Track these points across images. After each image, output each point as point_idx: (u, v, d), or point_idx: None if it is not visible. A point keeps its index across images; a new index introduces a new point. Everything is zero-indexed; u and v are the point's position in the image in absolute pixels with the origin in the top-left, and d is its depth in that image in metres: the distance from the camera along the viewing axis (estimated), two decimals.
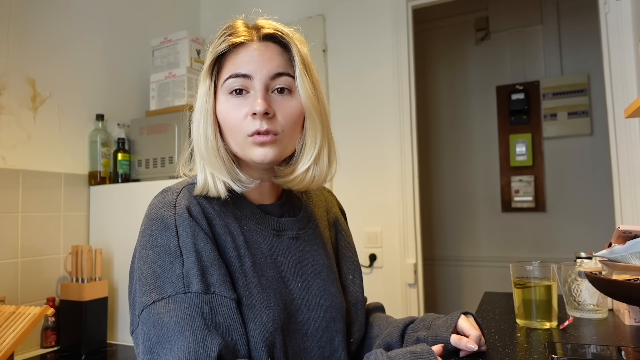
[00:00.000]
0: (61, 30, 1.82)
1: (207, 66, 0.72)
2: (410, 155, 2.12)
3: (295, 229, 0.78)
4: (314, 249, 0.80)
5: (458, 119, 3.25)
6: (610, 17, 1.84)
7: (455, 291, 3.16)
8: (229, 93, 0.70)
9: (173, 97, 1.91)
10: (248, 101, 0.69)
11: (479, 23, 3.20)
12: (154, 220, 0.67)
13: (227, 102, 0.70)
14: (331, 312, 0.78)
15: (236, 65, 0.70)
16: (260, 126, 0.68)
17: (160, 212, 0.68)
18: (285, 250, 0.75)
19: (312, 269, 0.78)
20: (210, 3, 2.63)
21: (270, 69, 0.70)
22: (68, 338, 1.64)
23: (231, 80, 0.69)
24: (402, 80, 2.14)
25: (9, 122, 1.62)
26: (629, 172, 1.79)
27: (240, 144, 0.70)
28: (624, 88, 1.80)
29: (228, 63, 0.71)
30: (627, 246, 0.87)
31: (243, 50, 0.71)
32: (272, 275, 0.72)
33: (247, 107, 0.69)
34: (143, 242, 0.67)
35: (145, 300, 0.62)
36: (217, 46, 0.71)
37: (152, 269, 0.63)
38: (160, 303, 0.61)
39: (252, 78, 0.69)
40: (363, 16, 2.24)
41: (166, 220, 0.66)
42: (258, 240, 0.73)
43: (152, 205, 0.70)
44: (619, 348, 0.83)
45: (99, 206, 1.86)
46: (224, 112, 0.70)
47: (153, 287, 0.62)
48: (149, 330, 0.60)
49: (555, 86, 2.98)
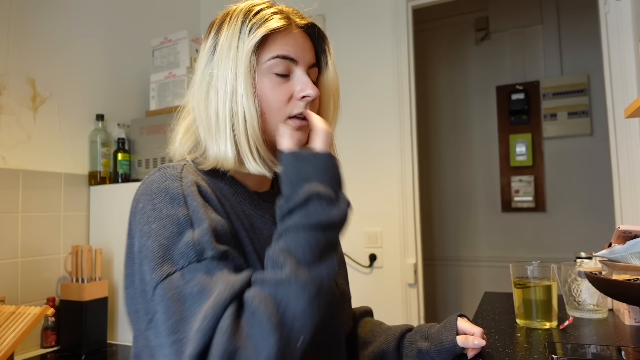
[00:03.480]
0: (61, 30, 1.82)
1: (255, 41, 0.66)
2: (410, 155, 2.12)
3: None
4: None
5: (458, 119, 3.25)
6: (610, 17, 1.84)
7: (455, 291, 3.16)
8: (272, 73, 0.68)
9: (173, 97, 1.91)
10: (291, 83, 0.69)
11: (479, 23, 3.20)
12: (156, 193, 0.61)
13: (271, 82, 0.68)
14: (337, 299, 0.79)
15: (282, 47, 0.68)
16: (304, 109, 0.68)
17: (163, 185, 0.61)
18: None
19: None
20: (210, 3, 2.63)
21: (310, 58, 0.71)
22: (68, 338, 1.64)
23: (277, 60, 0.68)
24: (402, 80, 2.14)
25: (9, 122, 1.62)
26: (629, 172, 1.79)
27: (275, 124, 0.68)
28: (624, 88, 1.80)
29: (272, 43, 0.68)
30: (627, 246, 0.87)
31: (289, 34, 0.69)
32: None
33: (289, 88, 0.68)
34: (144, 219, 0.59)
35: (157, 276, 0.54)
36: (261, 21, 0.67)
37: (159, 241, 0.56)
38: (175, 276, 0.54)
39: (296, 62, 0.69)
40: (363, 16, 2.24)
41: (172, 191, 0.60)
42: (259, 226, 0.71)
43: (151, 181, 0.63)
44: (619, 348, 0.83)
45: (99, 206, 1.86)
46: (263, 90, 0.68)
47: (163, 261, 0.55)
48: (169, 306, 0.52)
49: (555, 86, 2.98)
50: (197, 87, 0.70)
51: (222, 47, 0.68)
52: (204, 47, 0.71)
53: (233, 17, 0.69)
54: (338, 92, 0.77)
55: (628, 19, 1.80)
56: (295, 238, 0.57)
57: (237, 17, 0.68)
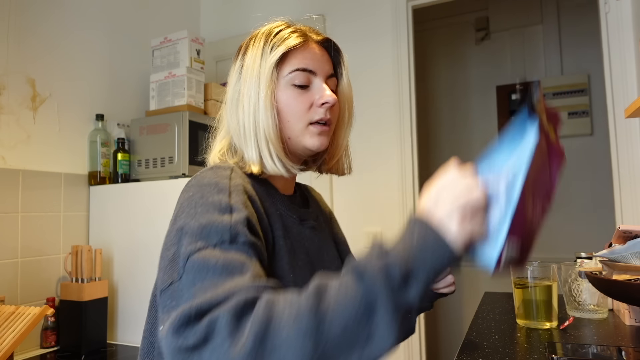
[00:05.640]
0: (61, 30, 1.82)
1: (276, 59, 0.76)
2: (411, 155, 2.12)
3: (312, 219, 0.84)
4: (327, 240, 0.88)
5: (458, 118, 3.25)
6: (611, 17, 1.84)
7: (456, 291, 3.15)
8: (292, 85, 0.76)
9: (173, 97, 1.91)
10: (311, 93, 0.77)
11: (479, 23, 3.20)
12: (206, 185, 0.66)
13: (293, 92, 0.76)
14: None
15: (301, 61, 0.77)
16: (325, 115, 0.76)
17: (214, 180, 0.67)
18: (309, 237, 0.81)
19: (328, 257, 0.84)
20: (210, 3, 2.63)
21: (328, 69, 0.80)
22: (68, 338, 1.64)
23: (297, 73, 0.76)
24: (402, 80, 2.14)
25: (9, 122, 1.62)
26: (629, 172, 1.79)
27: (299, 131, 0.76)
28: (624, 88, 1.80)
29: (291, 58, 0.77)
30: (627, 246, 0.87)
31: (306, 49, 0.78)
32: (304, 259, 0.77)
33: (310, 98, 0.77)
34: (191, 204, 0.63)
35: (191, 248, 0.57)
36: (282, 40, 0.76)
37: (199, 222, 0.60)
38: (207, 250, 0.56)
39: (316, 74, 0.77)
40: (363, 16, 2.24)
41: (220, 184, 0.66)
42: (290, 225, 0.78)
43: (204, 176, 0.69)
44: (619, 348, 0.83)
45: (98, 206, 1.86)
46: (286, 101, 0.76)
47: (199, 237, 0.58)
48: (195, 275, 0.55)
49: (555, 86, 2.98)
50: (228, 102, 0.80)
51: (248, 66, 0.77)
52: (234, 68, 0.81)
53: (257, 39, 0.78)
54: (352, 100, 0.86)
55: (628, 19, 1.79)
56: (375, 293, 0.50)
57: (260, 39, 0.78)
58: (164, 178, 1.82)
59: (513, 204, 0.52)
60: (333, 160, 0.86)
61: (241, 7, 2.55)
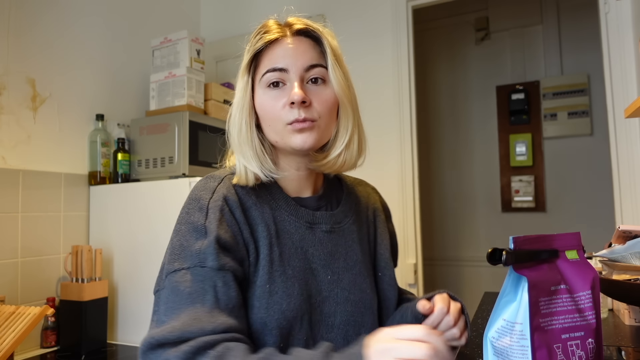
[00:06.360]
0: (61, 30, 1.82)
1: (245, 64, 0.76)
2: (410, 155, 2.12)
3: (330, 223, 0.81)
4: (348, 243, 0.82)
5: (458, 119, 3.25)
6: (611, 17, 1.84)
7: (456, 291, 3.12)
8: (267, 86, 0.74)
9: (173, 97, 1.91)
10: (285, 92, 0.73)
11: (479, 23, 3.20)
12: (193, 200, 0.73)
13: (266, 95, 0.75)
14: (360, 306, 0.79)
15: (272, 60, 0.74)
16: (298, 115, 0.72)
17: (200, 194, 0.73)
18: (317, 242, 0.78)
19: (344, 263, 0.80)
20: (210, 3, 2.63)
21: (304, 61, 0.74)
22: (68, 338, 1.64)
23: (269, 74, 0.74)
24: (402, 81, 2.14)
25: (9, 122, 1.62)
26: (629, 172, 1.79)
27: (279, 132, 0.74)
28: (624, 88, 1.80)
29: (264, 59, 0.75)
30: (627, 246, 0.87)
31: (278, 46, 0.75)
32: (300, 266, 0.75)
33: (284, 97, 0.73)
34: (180, 218, 0.73)
35: (170, 267, 0.68)
36: (253, 44, 0.75)
37: (180, 241, 0.70)
38: (181, 272, 0.67)
39: (288, 71, 0.73)
40: (363, 16, 2.24)
41: (202, 201, 0.72)
42: (290, 230, 0.76)
43: (195, 187, 0.76)
44: (619, 348, 0.83)
45: (99, 206, 1.86)
46: (263, 104, 0.75)
47: (177, 257, 0.68)
48: (169, 294, 0.66)
49: (555, 86, 2.98)
50: None
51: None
52: None
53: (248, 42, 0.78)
54: (348, 87, 0.78)
55: (628, 19, 1.79)
56: None
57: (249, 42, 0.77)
58: (164, 178, 1.82)
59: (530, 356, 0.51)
60: (330, 157, 0.77)
61: (241, 7, 2.56)
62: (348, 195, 0.88)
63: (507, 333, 0.53)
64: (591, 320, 0.54)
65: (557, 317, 0.53)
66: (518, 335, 0.52)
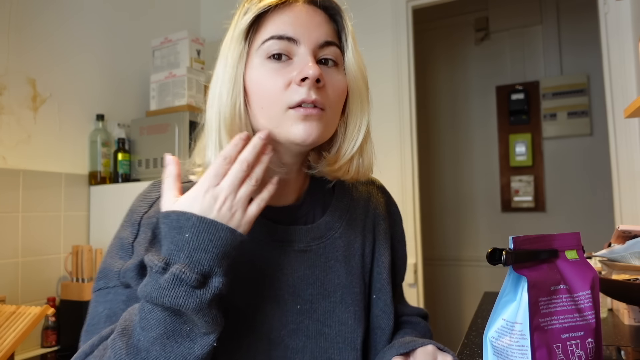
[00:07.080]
0: (61, 30, 1.82)
1: (243, 27, 0.58)
2: (410, 155, 2.12)
3: (306, 240, 0.65)
4: (330, 264, 0.67)
5: (458, 119, 3.25)
6: (610, 17, 1.84)
7: (455, 291, 3.16)
8: (266, 57, 0.58)
9: (173, 97, 1.91)
10: (290, 68, 0.57)
11: (478, 23, 3.20)
12: (130, 211, 0.64)
13: (263, 67, 0.58)
14: (337, 342, 0.65)
15: (279, 26, 0.58)
16: (307, 95, 0.55)
17: (137, 205, 0.64)
18: (286, 265, 0.64)
19: (320, 289, 0.65)
20: (210, 3, 2.63)
21: (319, 35, 0.59)
22: (68, 338, 1.64)
23: (272, 42, 0.57)
24: (402, 81, 2.15)
25: (9, 122, 1.62)
26: (629, 172, 1.79)
27: (275, 118, 0.57)
28: (623, 88, 1.80)
29: (268, 23, 0.58)
30: (627, 246, 0.87)
31: (288, 10, 0.59)
32: (259, 294, 0.62)
33: (289, 74, 0.57)
34: (118, 229, 0.65)
35: (95, 285, 0.62)
36: (256, 3, 0.59)
37: (109, 256, 0.62)
38: (103, 291, 0.60)
39: (298, 42, 0.58)
40: (363, 16, 2.24)
41: (135, 215, 0.62)
42: (250, 251, 0.61)
43: (139, 195, 0.67)
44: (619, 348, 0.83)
45: (99, 206, 1.86)
46: (257, 79, 0.58)
47: (102, 275, 0.61)
48: (91, 311, 0.62)
49: (555, 86, 2.98)
50: None
51: (223, 43, 0.61)
52: None
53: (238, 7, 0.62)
54: (364, 78, 0.64)
55: (628, 19, 1.80)
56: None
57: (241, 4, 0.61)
58: None
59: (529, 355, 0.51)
60: (341, 161, 0.63)
61: None
62: (339, 200, 0.71)
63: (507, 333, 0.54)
64: (591, 320, 0.54)
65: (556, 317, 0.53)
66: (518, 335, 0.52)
